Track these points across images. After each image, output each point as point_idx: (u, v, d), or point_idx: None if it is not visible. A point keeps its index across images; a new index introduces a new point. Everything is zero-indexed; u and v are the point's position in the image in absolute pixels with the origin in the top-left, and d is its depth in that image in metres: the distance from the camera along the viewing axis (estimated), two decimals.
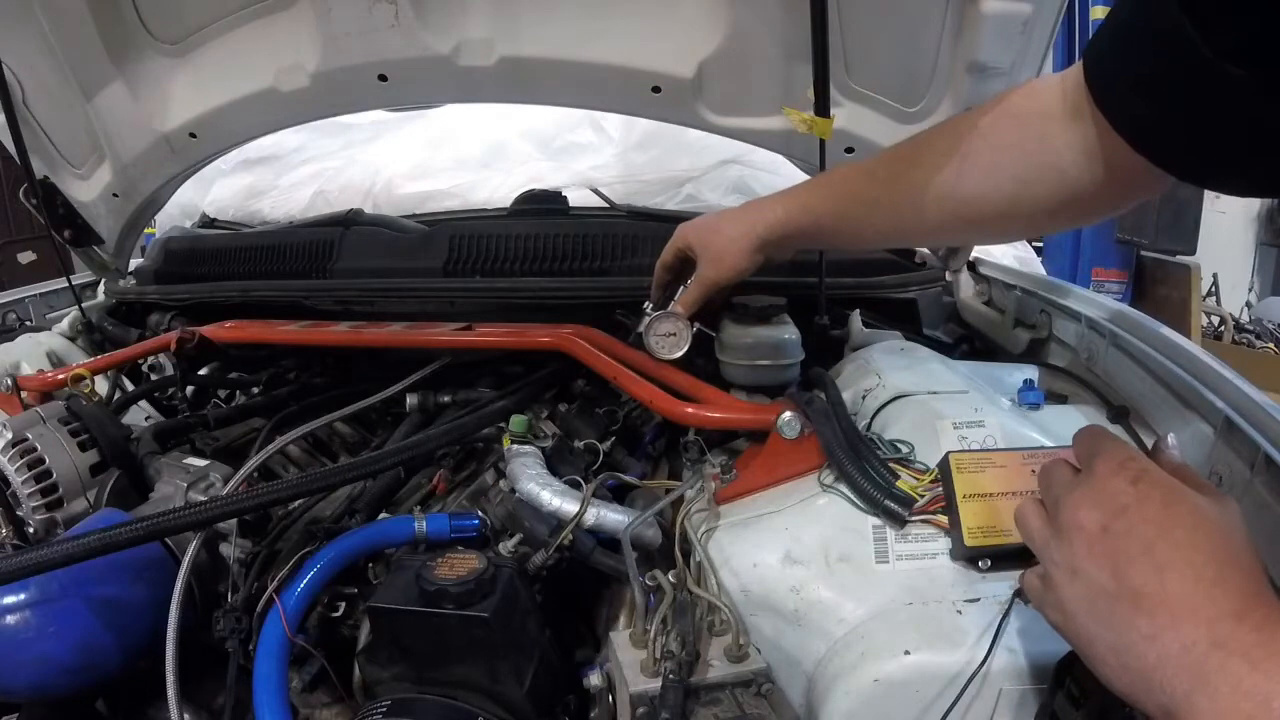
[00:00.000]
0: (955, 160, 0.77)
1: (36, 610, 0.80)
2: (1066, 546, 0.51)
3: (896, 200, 0.84)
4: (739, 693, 0.70)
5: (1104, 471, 0.51)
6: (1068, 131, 0.69)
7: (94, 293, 1.84)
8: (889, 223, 0.87)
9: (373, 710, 0.74)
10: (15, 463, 1.01)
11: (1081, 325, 1.07)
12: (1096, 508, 0.50)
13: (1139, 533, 0.48)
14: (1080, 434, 0.57)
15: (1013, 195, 0.75)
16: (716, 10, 1.13)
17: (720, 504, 0.84)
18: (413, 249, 1.41)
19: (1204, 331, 3.96)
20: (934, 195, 0.79)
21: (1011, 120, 0.75)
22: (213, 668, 0.86)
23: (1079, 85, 0.67)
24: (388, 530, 0.90)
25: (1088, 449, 0.55)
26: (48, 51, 1.38)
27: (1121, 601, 0.47)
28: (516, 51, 1.23)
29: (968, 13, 1.01)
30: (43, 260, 5.45)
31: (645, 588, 0.75)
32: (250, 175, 2.16)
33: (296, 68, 1.31)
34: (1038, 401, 0.89)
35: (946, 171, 0.78)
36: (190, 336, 1.32)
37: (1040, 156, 0.72)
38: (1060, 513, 0.53)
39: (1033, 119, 0.73)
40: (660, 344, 1.02)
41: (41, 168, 1.60)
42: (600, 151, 1.85)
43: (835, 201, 0.90)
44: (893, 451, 0.81)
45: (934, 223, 0.82)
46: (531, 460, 0.94)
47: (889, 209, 0.85)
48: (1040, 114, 0.72)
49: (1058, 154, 0.70)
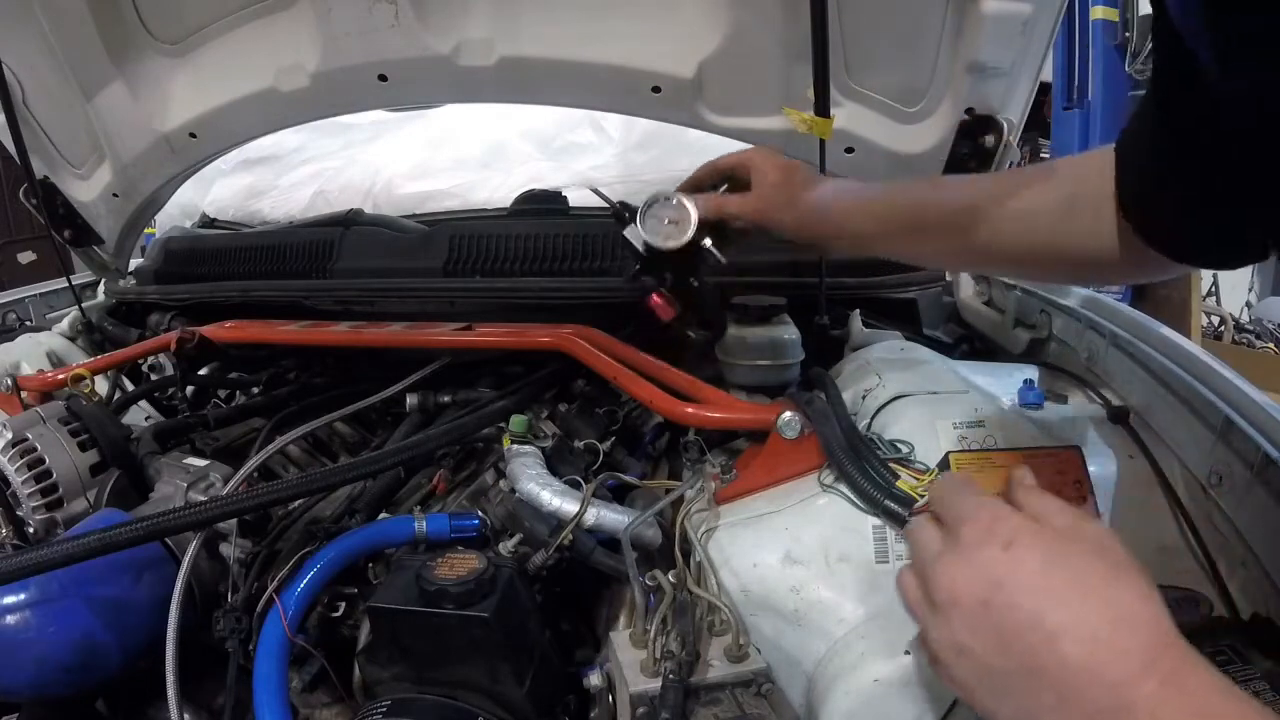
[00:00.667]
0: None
1: (36, 610, 0.80)
2: (946, 624, 0.48)
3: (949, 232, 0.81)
4: (739, 693, 0.70)
5: (971, 540, 0.49)
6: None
7: (94, 293, 1.84)
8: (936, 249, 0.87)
9: (373, 710, 0.74)
10: (15, 463, 1.01)
11: (1081, 325, 1.07)
12: (971, 582, 0.47)
13: (1022, 604, 0.45)
14: (937, 489, 0.55)
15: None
16: (716, 10, 1.13)
17: (720, 504, 0.84)
18: (413, 249, 1.41)
19: (1204, 331, 3.96)
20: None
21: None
22: (213, 668, 0.86)
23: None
24: (388, 530, 0.90)
25: (951, 510, 0.51)
26: (48, 51, 1.38)
27: (1017, 677, 0.45)
28: (516, 51, 1.23)
29: (968, 13, 1.01)
30: (43, 260, 5.44)
31: (645, 588, 0.75)
32: (250, 175, 2.16)
33: (296, 68, 1.31)
34: (1038, 401, 0.89)
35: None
36: (190, 336, 1.32)
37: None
38: (933, 588, 0.49)
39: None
40: (657, 227, 0.91)
41: (41, 168, 1.60)
42: (600, 151, 1.85)
43: (891, 215, 0.87)
44: (893, 451, 0.81)
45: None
46: (531, 460, 0.94)
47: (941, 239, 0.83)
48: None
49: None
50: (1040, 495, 0.52)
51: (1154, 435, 0.89)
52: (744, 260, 1.28)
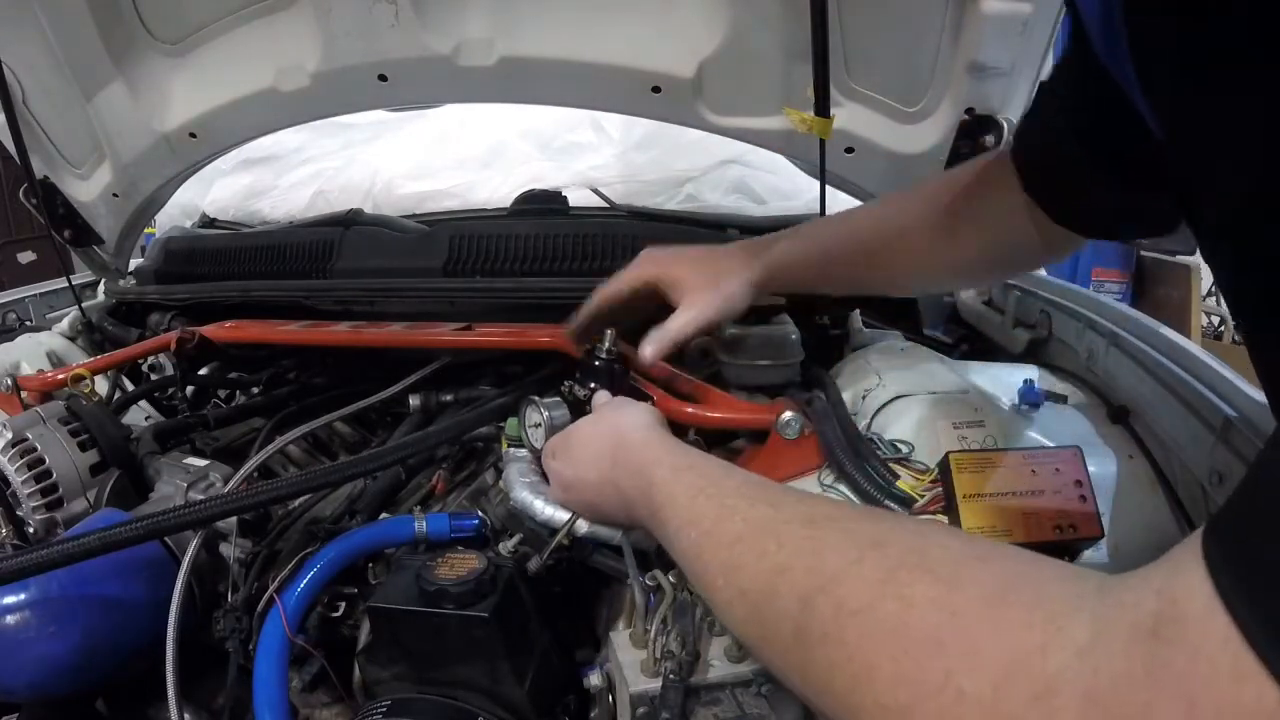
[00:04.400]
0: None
1: (36, 610, 0.80)
2: (556, 479, 0.83)
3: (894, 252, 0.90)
4: (739, 693, 0.70)
5: (545, 457, 0.85)
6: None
7: (94, 293, 1.84)
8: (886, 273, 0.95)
9: (373, 710, 0.74)
10: (15, 463, 1.01)
11: (1081, 325, 1.07)
12: (555, 473, 0.82)
13: (561, 472, 0.81)
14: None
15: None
16: (716, 10, 1.13)
17: None
18: (413, 249, 1.41)
19: (1204, 331, 3.96)
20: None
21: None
22: (213, 668, 0.86)
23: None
24: (388, 530, 0.90)
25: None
26: (48, 51, 1.38)
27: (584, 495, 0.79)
28: (517, 51, 1.23)
29: (968, 13, 1.01)
30: (43, 260, 5.45)
31: (645, 588, 0.75)
32: (250, 175, 2.16)
33: (296, 68, 1.31)
34: (1038, 401, 0.89)
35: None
36: (190, 336, 1.32)
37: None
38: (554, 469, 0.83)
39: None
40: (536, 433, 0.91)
41: (41, 168, 1.60)
42: (600, 151, 1.85)
43: (832, 246, 0.94)
44: (893, 451, 0.81)
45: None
46: (526, 467, 0.92)
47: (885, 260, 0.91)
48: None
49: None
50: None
51: (1154, 435, 0.89)
52: None
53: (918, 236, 0.85)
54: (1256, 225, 0.33)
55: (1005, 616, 0.38)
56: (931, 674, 0.38)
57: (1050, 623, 0.36)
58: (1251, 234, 0.34)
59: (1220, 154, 0.35)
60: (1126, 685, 0.32)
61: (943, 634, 0.39)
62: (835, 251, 0.93)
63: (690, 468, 0.66)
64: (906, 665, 0.39)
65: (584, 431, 0.82)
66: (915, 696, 0.38)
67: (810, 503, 0.57)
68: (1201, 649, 0.30)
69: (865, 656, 0.41)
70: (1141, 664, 0.31)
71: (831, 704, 0.44)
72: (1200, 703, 0.29)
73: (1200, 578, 0.31)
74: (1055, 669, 0.34)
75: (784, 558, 0.50)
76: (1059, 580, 0.39)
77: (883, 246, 0.89)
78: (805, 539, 0.51)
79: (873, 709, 0.40)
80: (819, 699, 0.45)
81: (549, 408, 0.91)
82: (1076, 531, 0.69)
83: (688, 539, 0.60)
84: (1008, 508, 0.69)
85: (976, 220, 0.82)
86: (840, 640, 0.43)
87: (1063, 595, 0.37)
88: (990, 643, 0.37)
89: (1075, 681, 0.33)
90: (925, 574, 0.42)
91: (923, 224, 0.85)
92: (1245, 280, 0.37)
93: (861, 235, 0.92)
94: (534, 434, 0.92)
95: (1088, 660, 0.33)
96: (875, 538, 0.47)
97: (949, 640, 0.38)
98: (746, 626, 0.53)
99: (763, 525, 0.54)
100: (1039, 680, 0.34)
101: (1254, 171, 0.32)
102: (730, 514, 0.57)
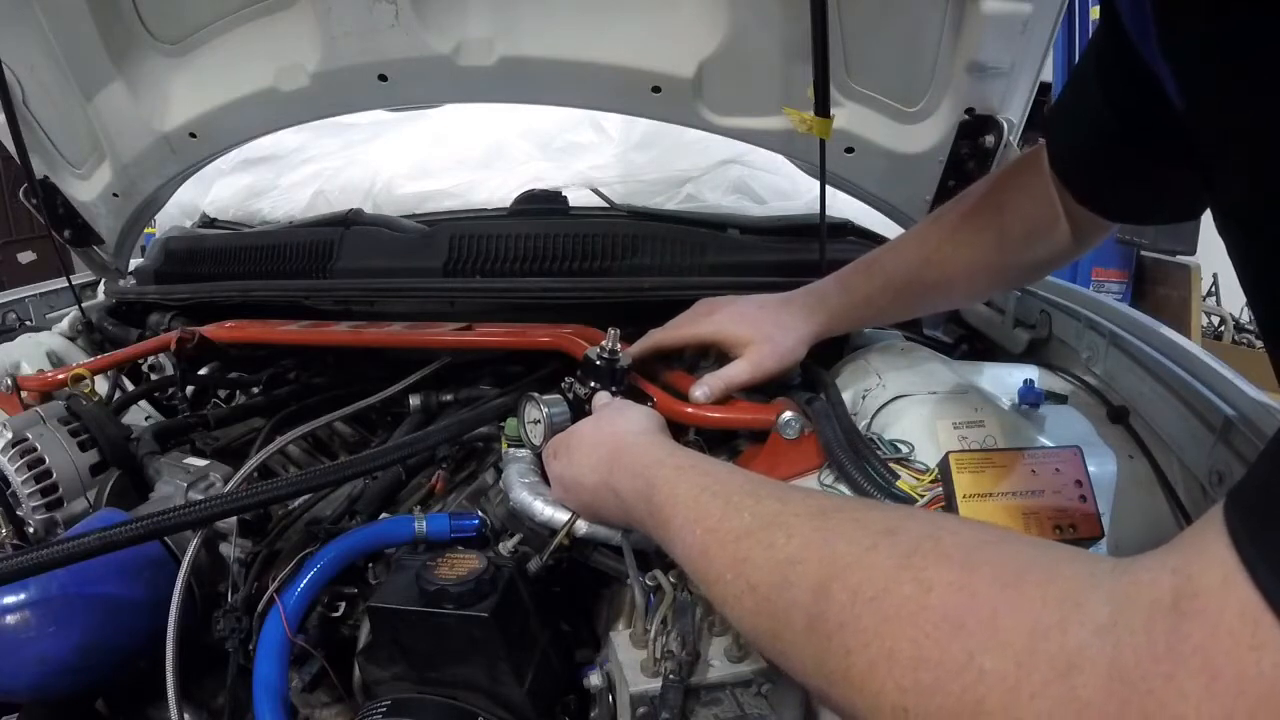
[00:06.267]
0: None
1: (36, 610, 0.80)
2: (558, 480, 0.84)
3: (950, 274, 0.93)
4: (739, 693, 0.70)
5: (547, 457, 0.87)
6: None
7: (94, 293, 1.84)
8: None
9: (373, 710, 0.74)
10: (15, 463, 1.01)
11: (1081, 325, 1.07)
12: (556, 474, 0.84)
13: (562, 474, 0.82)
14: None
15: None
16: (716, 10, 1.13)
17: None
18: (413, 249, 1.41)
19: (1204, 331, 3.96)
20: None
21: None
22: (213, 668, 0.86)
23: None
24: (388, 530, 0.90)
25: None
26: (48, 51, 1.38)
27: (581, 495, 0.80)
28: (517, 51, 1.23)
29: (968, 13, 1.01)
30: (43, 260, 5.46)
31: (645, 588, 0.75)
32: (250, 175, 2.16)
33: (296, 68, 1.31)
34: (1038, 401, 0.89)
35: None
36: (190, 336, 1.32)
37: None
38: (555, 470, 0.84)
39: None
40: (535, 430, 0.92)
41: (41, 168, 1.60)
42: (600, 151, 1.84)
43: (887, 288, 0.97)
44: (893, 451, 0.81)
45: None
46: (525, 468, 0.93)
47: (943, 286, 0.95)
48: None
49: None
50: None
51: (1154, 435, 0.89)
52: (744, 260, 1.28)
53: (962, 251, 0.89)
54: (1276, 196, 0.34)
55: (1024, 596, 0.38)
56: (953, 654, 0.38)
57: (1069, 600, 0.36)
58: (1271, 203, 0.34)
59: (1244, 128, 0.35)
60: (1149, 659, 0.32)
61: (963, 615, 0.39)
62: (893, 289, 0.96)
63: (693, 467, 0.67)
64: (928, 647, 0.39)
65: (584, 434, 0.82)
66: (938, 677, 0.38)
67: (818, 497, 0.57)
68: (1221, 621, 0.30)
69: (884, 641, 0.41)
70: (1162, 638, 0.32)
71: (847, 692, 0.44)
72: (1222, 673, 0.30)
73: (1222, 550, 0.31)
74: (1076, 645, 0.34)
75: (794, 549, 0.50)
76: (1073, 561, 0.40)
77: (936, 275, 0.92)
78: (816, 530, 0.51)
79: (893, 692, 0.40)
80: (833, 689, 0.45)
81: (548, 405, 0.91)
82: (1076, 531, 0.69)
83: (692, 536, 0.60)
84: (1008, 507, 0.70)
85: (1005, 211, 0.85)
86: (857, 626, 0.43)
87: (1078, 575, 0.38)
88: (1011, 621, 0.37)
89: (1097, 657, 0.33)
90: (941, 558, 0.42)
91: (960, 238, 0.89)
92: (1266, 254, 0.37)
93: (913, 268, 0.94)
94: (533, 431, 0.92)
95: (1108, 636, 0.34)
96: (887, 526, 0.47)
97: (969, 621, 0.39)
98: (756, 620, 0.52)
99: (771, 519, 0.54)
100: (1061, 657, 0.35)
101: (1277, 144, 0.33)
102: (737, 510, 0.57)
